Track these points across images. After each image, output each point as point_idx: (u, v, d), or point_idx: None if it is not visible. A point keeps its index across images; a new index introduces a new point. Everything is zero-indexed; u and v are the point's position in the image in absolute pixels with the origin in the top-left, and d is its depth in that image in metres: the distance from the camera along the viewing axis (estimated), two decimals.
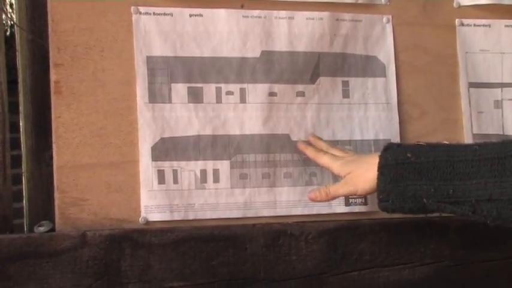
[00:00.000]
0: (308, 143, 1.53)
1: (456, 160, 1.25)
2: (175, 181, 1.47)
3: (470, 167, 1.23)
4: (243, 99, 1.52)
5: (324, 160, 1.47)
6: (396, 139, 1.59)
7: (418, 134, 1.60)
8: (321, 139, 1.53)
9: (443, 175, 1.25)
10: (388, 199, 1.31)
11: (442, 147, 1.31)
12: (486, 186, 1.21)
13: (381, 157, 1.32)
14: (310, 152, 1.50)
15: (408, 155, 1.29)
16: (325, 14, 1.57)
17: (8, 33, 1.60)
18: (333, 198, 1.45)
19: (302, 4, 1.56)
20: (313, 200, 1.46)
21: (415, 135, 1.60)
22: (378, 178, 1.32)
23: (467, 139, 1.62)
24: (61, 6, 1.43)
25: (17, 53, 1.53)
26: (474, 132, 1.63)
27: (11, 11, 1.63)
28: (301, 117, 1.55)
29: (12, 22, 1.59)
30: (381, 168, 1.31)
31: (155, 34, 1.48)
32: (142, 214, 1.44)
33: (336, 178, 1.51)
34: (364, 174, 1.36)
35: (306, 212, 1.53)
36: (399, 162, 1.29)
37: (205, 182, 1.49)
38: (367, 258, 1.49)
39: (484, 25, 1.66)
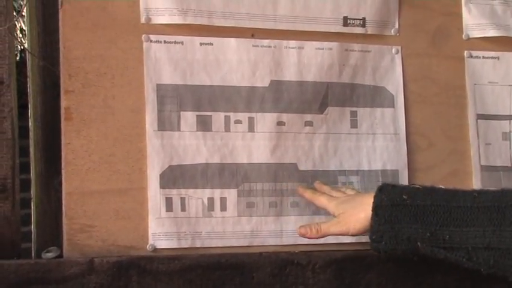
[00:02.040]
0: (307, 187, 1.53)
1: (454, 206, 1.24)
2: (183, 209, 1.47)
3: (469, 213, 1.22)
4: (251, 128, 1.52)
5: (321, 201, 1.45)
6: (404, 170, 1.59)
7: (426, 165, 1.60)
8: (325, 184, 1.53)
9: (440, 220, 1.24)
10: (381, 240, 1.29)
11: (440, 191, 1.30)
12: (484, 234, 1.20)
13: (375, 197, 1.30)
14: (308, 194, 1.49)
15: (404, 196, 1.27)
16: (334, 44, 1.57)
17: (18, 58, 1.61)
18: (323, 236, 1.41)
19: (312, 34, 1.56)
20: (302, 236, 1.42)
21: (423, 166, 1.60)
22: (372, 218, 1.30)
23: (475, 171, 1.62)
24: (73, 33, 1.44)
25: (28, 78, 1.54)
26: (482, 163, 1.63)
27: (21, 36, 1.65)
28: (309, 146, 1.56)
29: (23, 48, 1.60)
30: (376, 208, 1.29)
31: (165, 62, 1.49)
32: (150, 241, 1.44)
33: None
34: (357, 214, 1.33)
35: (313, 242, 1.52)
36: (395, 203, 1.28)
37: (213, 210, 1.49)
38: None
39: (492, 57, 1.67)
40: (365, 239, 1.52)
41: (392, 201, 1.28)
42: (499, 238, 1.18)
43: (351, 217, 1.35)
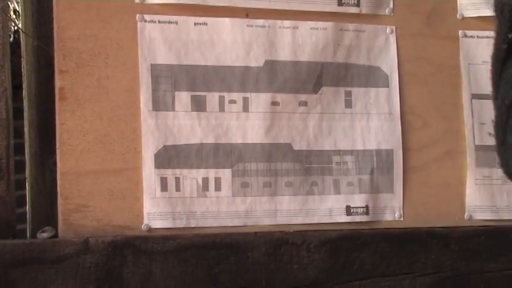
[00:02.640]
0: None
1: None
2: (178, 189, 1.48)
3: None
4: (245, 108, 1.53)
5: None
6: (398, 149, 1.59)
7: (420, 145, 1.60)
8: None
9: None
10: None
11: None
12: None
13: None
14: None
15: None
16: (328, 24, 1.57)
17: (11, 39, 1.60)
18: None
19: (306, 14, 1.56)
20: None
21: (417, 145, 1.60)
22: None
23: (469, 150, 1.62)
24: (67, 13, 1.44)
25: (22, 59, 1.53)
26: (476, 143, 1.63)
27: (15, 17, 1.64)
28: (304, 126, 1.56)
29: (17, 28, 1.60)
30: None
31: (160, 42, 1.49)
32: (145, 221, 1.45)
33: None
34: None
35: (307, 221, 1.53)
36: None
37: (207, 190, 1.49)
38: (369, 268, 1.49)
39: (487, 37, 1.66)
40: (359, 218, 1.54)
41: None
42: None
43: None
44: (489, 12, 1.62)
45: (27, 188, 1.54)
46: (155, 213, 1.46)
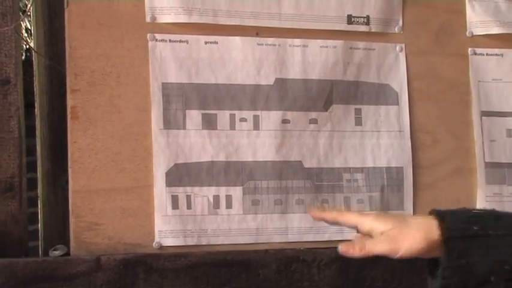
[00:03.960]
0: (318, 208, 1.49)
1: None
2: (189, 206, 1.48)
3: None
4: (256, 126, 1.53)
5: (350, 217, 1.20)
6: (408, 167, 1.59)
7: (431, 162, 1.60)
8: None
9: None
10: (454, 276, 1.11)
11: (507, 217, 1.15)
12: None
13: (444, 227, 1.11)
14: (328, 215, 1.23)
15: (475, 227, 1.11)
16: (338, 43, 1.58)
17: (24, 58, 1.62)
18: (368, 255, 1.16)
19: (316, 32, 1.57)
20: (344, 253, 1.17)
21: (428, 163, 1.60)
22: (445, 253, 1.10)
23: (480, 167, 1.62)
24: (79, 32, 1.45)
25: (34, 78, 1.55)
26: (486, 160, 1.63)
27: (27, 36, 1.66)
28: (314, 144, 1.56)
29: (29, 47, 1.61)
30: (447, 241, 1.10)
31: (171, 61, 1.49)
32: (156, 239, 1.45)
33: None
34: (413, 232, 1.12)
35: (318, 239, 1.54)
36: (466, 235, 1.11)
37: (218, 208, 1.50)
38: (380, 285, 1.49)
39: (496, 54, 1.67)
40: None
41: (463, 232, 1.11)
42: None
43: (405, 235, 1.13)
44: (498, 30, 1.64)
45: (39, 205, 1.55)
46: (166, 231, 1.46)
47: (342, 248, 1.17)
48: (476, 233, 1.11)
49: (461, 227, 1.11)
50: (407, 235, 1.12)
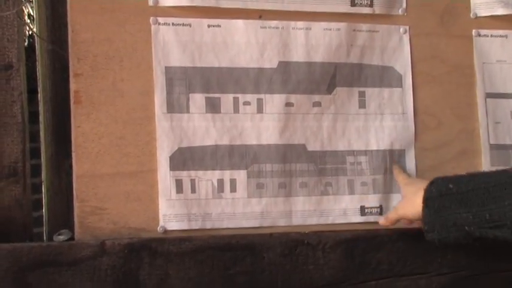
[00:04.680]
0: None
1: (491, 185, 1.25)
2: (193, 190, 1.48)
3: (504, 189, 1.23)
4: (260, 110, 1.53)
5: (399, 177, 1.56)
6: (411, 149, 1.59)
7: (435, 144, 1.60)
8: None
9: (480, 201, 1.25)
10: (434, 229, 1.33)
11: (481, 175, 1.33)
12: None
13: (425, 190, 1.35)
14: (395, 169, 1.59)
15: (450, 186, 1.31)
16: (342, 25, 1.57)
17: (26, 44, 1.61)
18: (393, 223, 1.50)
19: (319, 15, 1.56)
20: (383, 225, 1.52)
21: (432, 145, 1.60)
22: (423, 210, 1.34)
23: (484, 149, 1.62)
24: (81, 16, 1.44)
25: (37, 63, 1.54)
26: (491, 142, 1.63)
27: (29, 21, 1.65)
28: (318, 127, 1.56)
29: (32, 32, 1.61)
30: (426, 200, 1.34)
31: (174, 44, 1.49)
32: (161, 223, 1.45)
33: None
34: (413, 198, 1.39)
35: (322, 222, 1.54)
36: (442, 193, 1.31)
37: (222, 192, 1.50)
38: (385, 268, 1.49)
39: (500, 36, 1.66)
40: (373, 218, 1.54)
41: (440, 191, 1.32)
42: None
43: (408, 201, 1.43)
44: (502, 11, 1.63)
45: (43, 191, 1.55)
46: (171, 215, 1.46)
47: (380, 222, 1.53)
48: (450, 191, 1.30)
49: (439, 188, 1.32)
50: (410, 203, 1.41)
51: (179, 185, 1.47)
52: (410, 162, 1.59)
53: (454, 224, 1.29)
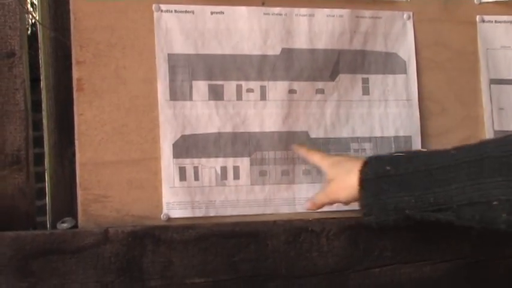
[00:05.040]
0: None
1: (434, 168, 1.23)
2: (196, 178, 1.48)
3: (448, 172, 1.21)
4: (263, 97, 1.52)
5: (314, 158, 1.47)
6: (417, 136, 1.59)
7: (439, 131, 1.60)
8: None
9: (422, 184, 1.23)
10: (371, 213, 1.30)
11: (421, 156, 1.29)
12: (465, 190, 1.18)
13: (361, 172, 1.31)
14: (302, 151, 1.51)
15: (387, 167, 1.28)
16: (345, 11, 1.57)
17: (28, 31, 1.61)
18: (320, 207, 1.44)
19: (322, 1, 1.56)
20: (308, 210, 1.45)
21: (436, 131, 1.60)
22: (360, 193, 1.31)
23: (489, 135, 1.62)
24: (83, 4, 1.44)
25: (39, 51, 1.54)
26: (495, 129, 1.62)
27: (31, 9, 1.65)
28: (321, 114, 1.56)
29: (34, 20, 1.60)
30: (362, 182, 1.30)
31: (176, 32, 1.49)
32: (164, 211, 1.45)
33: None
34: (345, 180, 1.35)
35: (325, 209, 1.53)
36: (379, 175, 1.28)
37: (226, 179, 1.50)
38: (389, 255, 1.49)
39: (505, 21, 1.66)
40: None
41: (377, 173, 1.29)
42: (478, 192, 1.17)
43: (339, 184, 1.36)
44: None
45: (46, 179, 1.55)
46: (174, 203, 1.46)
47: (306, 206, 1.45)
48: (388, 173, 1.27)
49: (376, 169, 1.29)
50: (341, 185, 1.35)
51: (182, 173, 1.47)
52: (417, 148, 1.58)
53: (394, 207, 1.26)
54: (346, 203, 1.38)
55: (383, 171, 1.28)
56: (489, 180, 1.16)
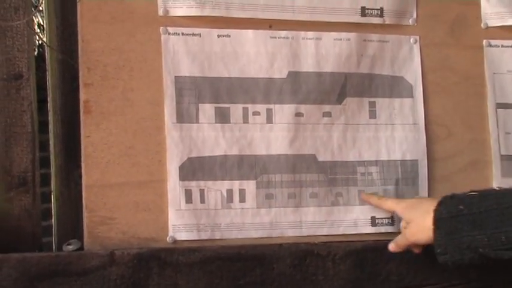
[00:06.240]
0: (370, 194, 1.56)
1: (505, 206, 1.24)
2: (202, 200, 1.48)
3: None
4: (269, 120, 1.52)
5: (388, 205, 1.49)
6: (423, 160, 1.58)
7: (446, 155, 1.60)
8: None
9: (495, 223, 1.24)
10: (446, 252, 1.30)
11: (493, 195, 1.29)
12: None
13: (435, 211, 1.31)
14: (374, 200, 1.53)
15: (461, 207, 1.29)
16: (352, 35, 1.57)
17: (36, 53, 1.62)
18: (402, 249, 1.44)
19: (329, 25, 1.56)
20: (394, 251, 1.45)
21: (443, 155, 1.60)
22: (434, 232, 1.31)
23: (495, 160, 1.61)
24: (91, 26, 1.45)
25: (47, 72, 1.55)
26: (502, 153, 1.62)
27: (39, 31, 1.66)
28: (328, 137, 1.55)
29: (41, 42, 1.61)
30: (436, 222, 1.31)
31: (183, 54, 1.49)
32: (170, 233, 1.45)
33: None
34: (422, 222, 1.34)
35: (332, 233, 1.53)
36: (453, 215, 1.29)
37: (232, 202, 1.49)
38: (395, 279, 1.48)
39: (511, 46, 1.66)
40: (384, 229, 1.53)
41: (451, 213, 1.29)
42: None
43: (418, 227, 1.37)
44: None
45: (52, 200, 1.55)
46: (180, 225, 1.46)
47: (389, 247, 1.45)
48: (462, 212, 1.28)
49: (450, 209, 1.30)
50: (420, 227, 1.35)
51: (188, 195, 1.47)
52: (423, 173, 1.58)
53: (468, 246, 1.27)
54: (425, 244, 1.38)
55: (456, 211, 1.29)
56: None
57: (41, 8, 1.66)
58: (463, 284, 1.52)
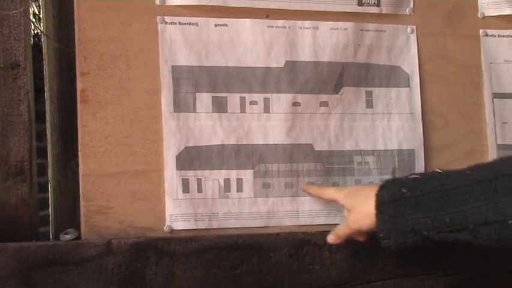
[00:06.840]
0: (310, 184, 1.54)
1: (449, 188, 1.22)
2: (200, 190, 1.48)
3: (464, 192, 1.20)
4: (266, 109, 1.52)
5: (328, 193, 1.48)
6: (420, 149, 1.59)
7: (442, 144, 1.60)
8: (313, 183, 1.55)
9: (438, 205, 1.22)
10: (389, 236, 1.28)
11: (436, 177, 1.27)
12: (480, 209, 1.17)
13: (377, 196, 1.29)
14: (313, 190, 1.52)
15: (403, 190, 1.26)
16: (349, 24, 1.57)
17: (32, 42, 1.61)
18: (344, 239, 1.42)
19: (326, 14, 1.56)
20: (333, 243, 1.44)
21: (439, 145, 1.60)
22: (377, 216, 1.29)
23: (492, 149, 1.62)
24: (88, 15, 1.44)
25: (43, 61, 1.54)
26: (498, 142, 1.62)
27: (36, 20, 1.65)
28: (325, 127, 1.56)
29: (38, 31, 1.61)
30: (378, 206, 1.29)
31: (180, 44, 1.49)
32: (167, 223, 1.45)
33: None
34: (364, 208, 1.33)
35: (329, 222, 1.53)
36: (395, 198, 1.27)
37: (229, 191, 1.49)
38: (391, 268, 1.49)
39: (508, 36, 1.66)
40: None
41: (393, 196, 1.27)
42: (494, 211, 1.16)
43: (359, 213, 1.35)
44: (510, 10, 1.63)
45: (49, 190, 1.55)
46: (177, 215, 1.46)
47: (329, 239, 1.44)
48: (404, 195, 1.26)
49: (392, 192, 1.27)
50: (363, 213, 1.33)
51: (186, 185, 1.47)
52: (419, 163, 1.58)
53: (412, 229, 1.25)
54: (370, 230, 1.35)
55: (399, 194, 1.27)
56: (504, 199, 1.15)
57: None
58: (460, 273, 1.52)
